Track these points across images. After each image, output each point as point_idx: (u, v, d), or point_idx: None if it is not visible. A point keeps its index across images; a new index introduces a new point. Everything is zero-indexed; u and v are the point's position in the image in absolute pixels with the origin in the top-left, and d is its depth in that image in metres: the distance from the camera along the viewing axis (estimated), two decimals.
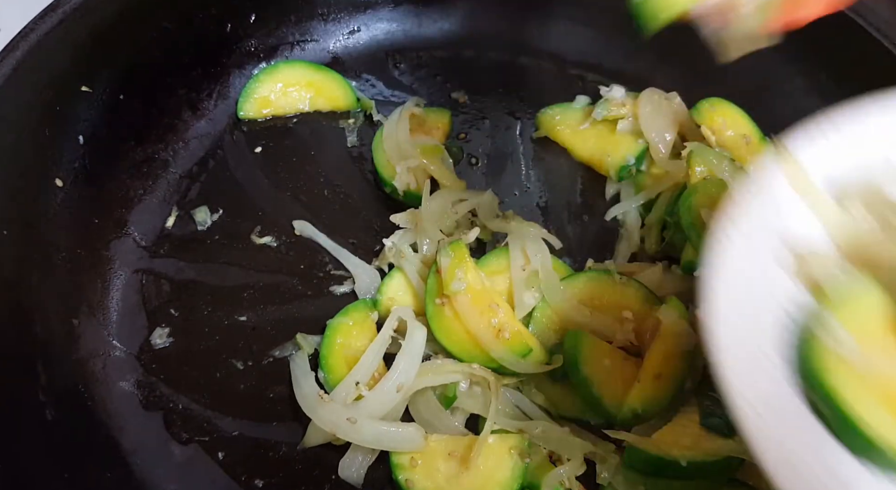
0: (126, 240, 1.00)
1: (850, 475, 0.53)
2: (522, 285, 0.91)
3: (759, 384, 0.54)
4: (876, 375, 0.55)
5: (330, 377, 0.88)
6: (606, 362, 0.85)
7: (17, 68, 0.85)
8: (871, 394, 0.54)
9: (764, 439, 0.52)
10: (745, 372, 0.54)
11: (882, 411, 0.53)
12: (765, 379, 0.55)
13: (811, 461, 0.52)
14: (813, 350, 0.56)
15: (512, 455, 0.82)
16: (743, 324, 0.56)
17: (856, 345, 0.55)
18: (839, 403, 0.53)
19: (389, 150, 1.06)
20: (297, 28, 1.17)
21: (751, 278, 0.58)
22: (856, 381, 0.54)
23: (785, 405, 0.55)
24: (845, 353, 0.55)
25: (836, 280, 0.59)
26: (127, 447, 0.86)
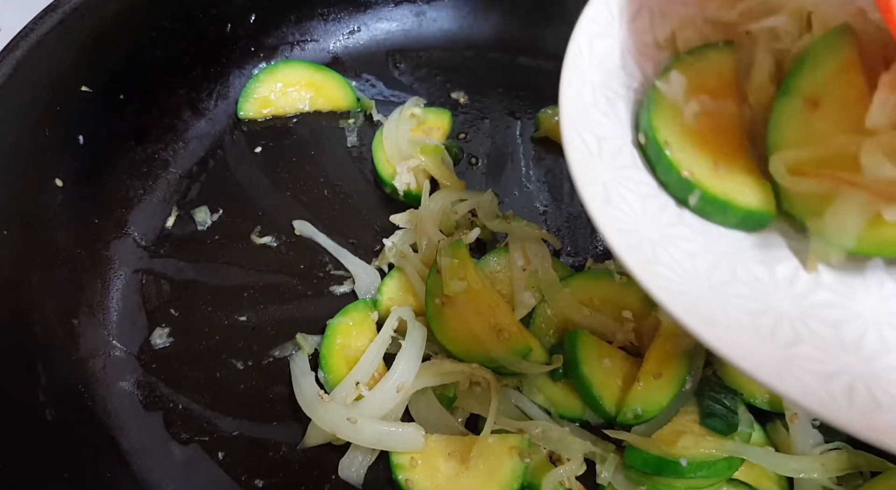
0: (126, 240, 1.00)
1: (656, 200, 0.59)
2: (522, 285, 0.91)
3: (595, 125, 0.60)
4: (699, 120, 0.60)
5: (330, 377, 0.88)
6: (606, 362, 0.85)
7: (17, 68, 0.85)
8: (687, 134, 0.59)
9: (585, 169, 0.56)
10: (586, 112, 0.60)
11: (690, 144, 0.59)
12: (603, 122, 0.61)
13: (624, 190, 0.58)
14: (651, 95, 0.61)
15: (512, 455, 0.82)
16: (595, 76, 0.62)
17: (682, 86, 0.60)
18: (655, 134, 0.58)
19: (389, 150, 1.06)
20: (297, 28, 1.18)
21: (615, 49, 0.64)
22: (676, 117, 0.59)
23: (616, 145, 0.61)
24: (670, 92, 0.60)
25: (690, 37, 0.64)
26: (127, 447, 0.86)
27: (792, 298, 0.55)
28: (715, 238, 0.59)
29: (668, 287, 0.51)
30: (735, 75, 0.63)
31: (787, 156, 0.56)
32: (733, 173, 0.59)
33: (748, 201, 0.58)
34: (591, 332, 0.88)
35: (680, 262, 0.55)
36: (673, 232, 0.57)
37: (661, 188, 0.60)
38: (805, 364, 0.49)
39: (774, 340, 0.51)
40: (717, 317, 0.51)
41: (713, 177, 0.58)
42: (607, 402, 0.83)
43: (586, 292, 0.91)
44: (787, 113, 0.58)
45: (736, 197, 0.58)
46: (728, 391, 0.84)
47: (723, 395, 0.83)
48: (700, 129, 0.60)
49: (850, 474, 0.81)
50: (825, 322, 0.54)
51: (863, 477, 0.82)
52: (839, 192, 0.53)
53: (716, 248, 0.57)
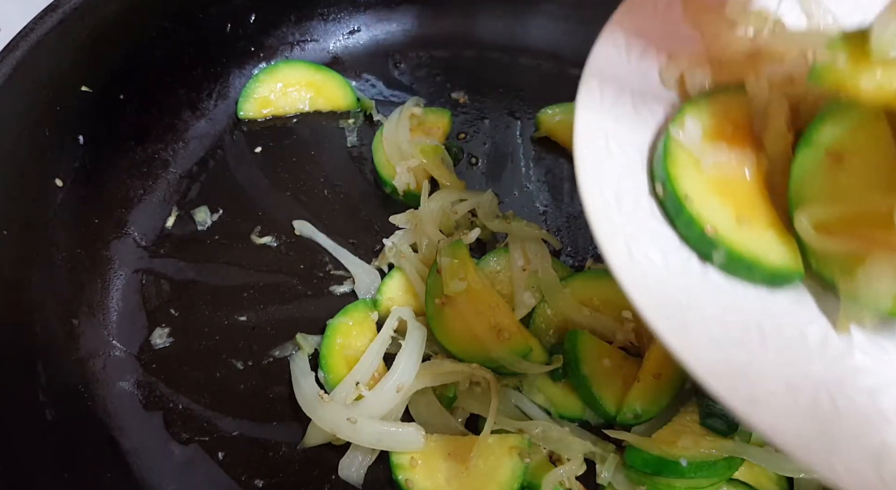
0: (126, 240, 1.00)
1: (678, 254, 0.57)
2: (522, 285, 0.91)
3: (613, 177, 0.58)
4: (717, 170, 0.58)
5: (330, 377, 0.88)
6: (606, 362, 0.85)
7: (18, 68, 0.85)
8: (707, 184, 0.57)
9: (605, 224, 0.55)
10: (602, 163, 0.58)
11: (714, 200, 0.56)
12: (621, 172, 0.59)
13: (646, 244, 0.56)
14: (667, 147, 0.58)
15: (512, 455, 0.82)
16: (608, 122, 0.60)
17: (698, 134, 0.58)
18: (674, 186, 0.56)
19: (389, 150, 1.06)
20: (297, 28, 1.18)
21: (626, 79, 0.62)
22: (694, 168, 0.57)
23: (634, 196, 0.58)
24: (689, 143, 0.58)
25: (700, 80, 0.62)
26: (127, 447, 0.86)
27: (826, 364, 0.53)
28: (741, 297, 0.56)
29: (699, 354, 0.49)
30: (749, 120, 0.60)
31: (813, 213, 0.54)
32: (757, 228, 0.56)
33: (775, 259, 0.56)
34: (591, 332, 0.88)
35: (709, 327, 0.52)
36: (698, 291, 0.55)
37: (683, 243, 0.58)
38: (850, 440, 0.47)
39: (815, 414, 0.49)
40: (756, 394, 0.48)
41: (737, 232, 0.55)
42: (607, 402, 0.84)
43: (586, 292, 0.91)
44: (809, 166, 0.55)
45: (762, 255, 0.55)
46: None
47: None
48: (719, 180, 0.58)
49: None
50: (862, 390, 0.51)
51: None
52: (871, 252, 0.51)
53: (743, 309, 0.55)
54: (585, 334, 0.86)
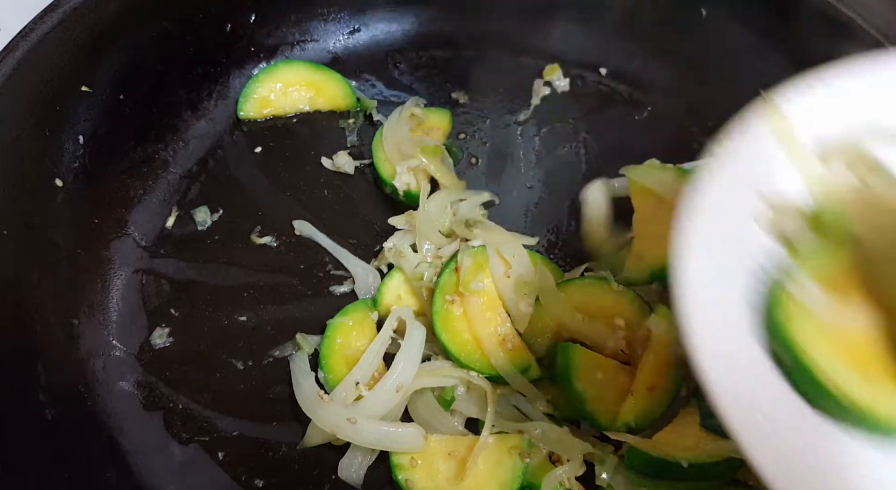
0: (126, 240, 1.00)
1: (808, 426, 0.53)
2: (514, 295, 0.90)
3: (723, 337, 0.55)
4: (836, 328, 0.55)
5: (330, 377, 0.88)
6: (599, 375, 0.84)
7: (17, 68, 0.85)
8: (831, 345, 0.54)
9: (726, 392, 0.52)
10: (710, 323, 0.55)
11: (840, 362, 0.54)
12: (730, 331, 0.56)
13: (772, 412, 0.53)
14: (779, 302, 0.56)
15: (512, 455, 0.82)
16: (711, 274, 0.56)
17: (821, 296, 0.56)
18: (799, 353, 0.53)
19: (389, 150, 1.06)
20: (297, 28, 1.17)
21: (725, 229, 0.58)
22: (817, 332, 0.55)
23: (748, 357, 0.55)
24: (810, 303, 0.55)
25: (807, 235, 0.59)
26: (127, 447, 0.86)
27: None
28: (857, 448, 0.54)
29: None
30: (860, 275, 0.57)
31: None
32: (885, 386, 0.54)
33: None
34: (584, 338, 0.88)
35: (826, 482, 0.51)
36: (818, 452, 0.53)
37: (813, 411, 0.55)
38: None
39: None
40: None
41: (867, 395, 0.53)
42: (601, 417, 0.83)
43: (581, 298, 0.90)
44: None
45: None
46: None
47: None
48: (839, 337, 0.55)
49: None
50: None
51: None
52: None
53: (862, 461, 0.53)
54: (578, 348, 0.85)
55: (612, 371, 0.86)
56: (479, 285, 0.87)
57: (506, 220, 1.03)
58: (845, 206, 0.59)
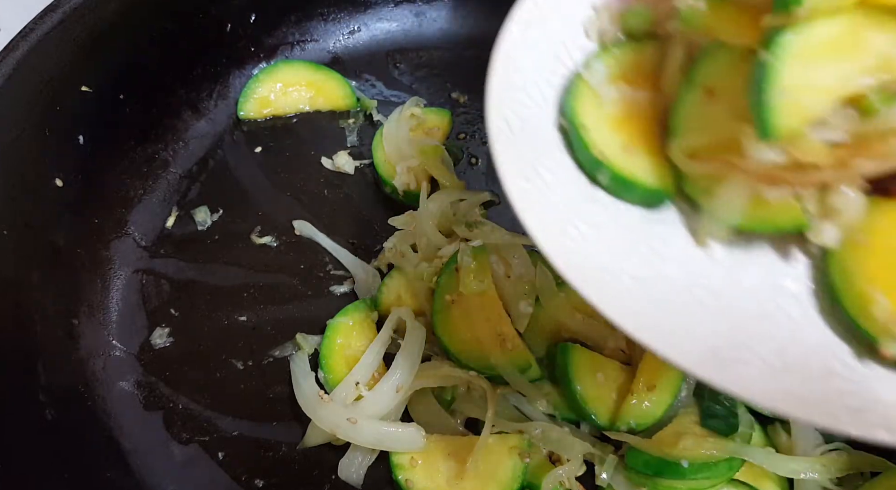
0: (126, 240, 1.00)
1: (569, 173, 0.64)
2: (515, 295, 0.90)
3: (520, 107, 0.64)
4: (616, 106, 0.65)
5: (330, 377, 0.88)
6: (599, 377, 0.84)
7: (18, 68, 0.85)
8: (605, 118, 0.64)
9: (504, 145, 0.60)
10: (512, 94, 0.64)
11: (608, 130, 0.64)
12: (528, 104, 0.65)
13: (553, 182, 0.62)
14: (573, 83, 0.65)
15: (512, 455, 0.82)
16: (526, 61, 0.66)
17: (603, 74, 0.65)
18: (574, 119, 0.63)
19: (389, 150, 1.06)
20: (297, 28, 1.17)
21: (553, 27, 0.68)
22: (595, 106, 0.64)
23: (539, 126, 0.64)
24: (591, 79, 0.65)
25: (617, 33, 0.68)
26: (127, 447, 0.86)
27: (682, 268, 0.60)
28: (621, 213, 0.63)
29: (568, 256, 0.56)
30: (655, 67, 0.66)
31: (685, 141, 0.61)
32: (640, 155, 0.64)
33: (650, 180, 0.63)
34: (583, 337, 0.88)
35: (584, 234, 0.59)
36: (584, 208, 0.62)
37: (579, 169, 0.64)
38: (682, 326, 0.54)
39: (659, 306, 0.56)
40: (610, 286, 0.56)
41: (622, 158, 0.63)
42: (601, 418, 0.83)
43: (581, 298, 0.90)
44: (687, 101, 0.62)
45: (640, 176, 0.63)
46: None
47: (722, 396, 0.83)
48: (615, 115, 0.65)
49: (850, 475, 0.81)
50: (709, 290, 0.58)
51: (863, 478, 0.82)
52: (728, 174, 0.58)
53: (620, 223, 0.62)
54: (577, 348, 0.85)
55: (611, 371, 0.86)
56: (479, 285, 0.87)
57: (506, 220, 1.03)
58: (647, 4, 0.67)
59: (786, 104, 0.53)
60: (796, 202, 0.57)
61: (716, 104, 0.60)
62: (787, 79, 0.53)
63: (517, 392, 0.86)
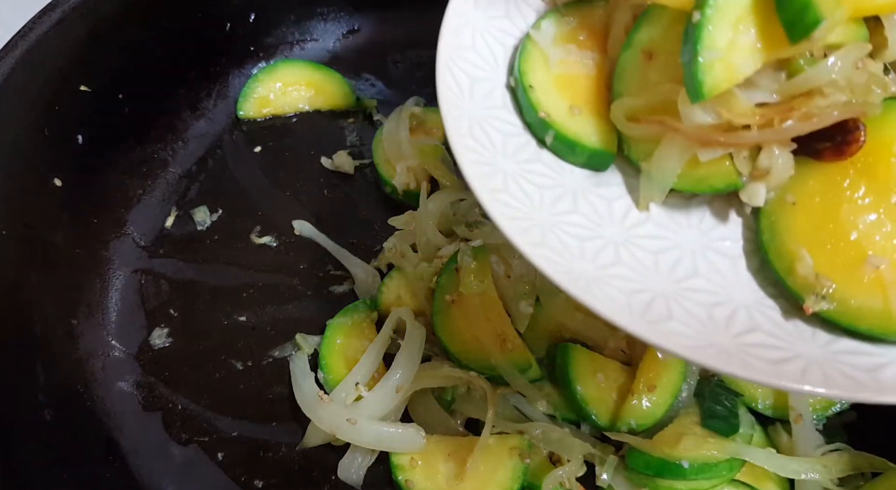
0: (125, 240, 1.00)
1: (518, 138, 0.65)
2: (514, 295, 0.90)
3: (470, 66, 0.65)
4: (563, 67, 0.66)
5: (330, 377, 0.88)
6: (600, 377, 0.84)
7: (17, 67, 0.85)
8: (550, 75, 0.65)
9: (452, 105, 0.61)
10: (462, 53, 0.65)
11: (552, 88, 0.65)
12: (479, 65, 0.66)
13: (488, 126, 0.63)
14: (523, 45, 0.67)
15: (512, 455, 0.81)
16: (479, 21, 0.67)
17: (551, 35, 0.66)
18: (522, 78, 0.64)
19: (389, 150, 1.06)
20: (296, 27, 1.17)
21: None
22: (543, 64, 0.66)
23: (489, 87, 0.66)
24: (540, 40, 0.66)
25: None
26: (126, 447, 0.86)
27: (622, 229, 0.61)
28: (566, 175, 0.65)
29: (509, 213, 0.57)
30: (603, 29, 0.68)
31: (624, 103, 0.62)
32: (585, 117, 0.65)
33: (593, 142, 0.64)
34: (584, 338, 0.88)
35: (528, 193, 0.60)
36: (528, 167, 0.63)
37: (526, 129, 0.65)
38: (615, 282, 0.56)
39: (595, 261, 0.57)
40: (547, 240, 0.57)
41: (567, 119, 0.64)
42: (602, 418, 0.83)
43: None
44: (628, 64, 0.63)
45: (583, 138, 0.64)
46: (729, 392, 0.84)
47: (723, 396, 0.83)
48: (563, 76, 0.66)
49: (850, 475, 0.80)
50: (646, 249, 0.60)
51: (863, 478, 0.82)
52: (663, 136, 0.60)
53: (564, 184, 0.64)
54: (578, 349, 0.85)
55: (612, 371, 0.86)
56: (480, 285, 0.87)
57: None
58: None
59: (716, 64, 0.54)
60: (729, 163, 0.59)
61: (654, 67, 0.62)
62: (717, 39, 0.54)
63: (517, 392, 0.86)
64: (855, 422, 0.87)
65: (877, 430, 0.85)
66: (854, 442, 0.84)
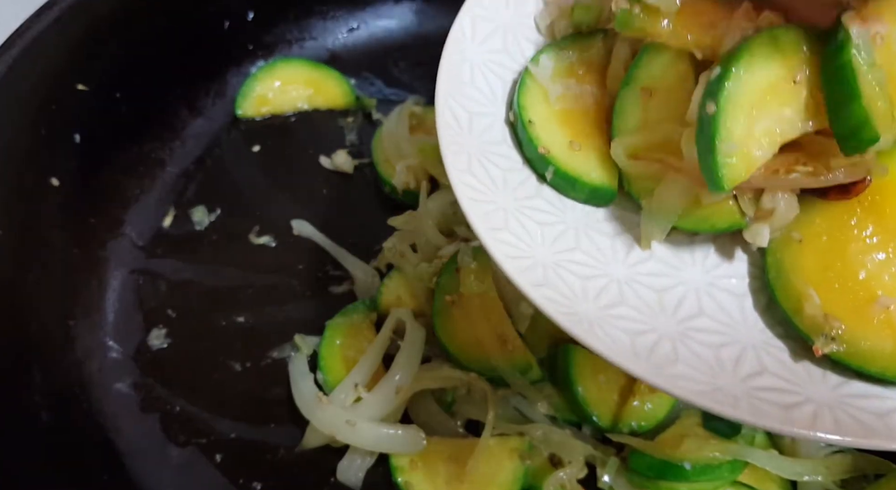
0: (122, 240, 0.99)
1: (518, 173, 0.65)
2: (514, 294, 0.89)
3: (470, 102, 0.66)
4: (562, 101, 0.67)
5: (329, 379, 0.87)
6: (601, 378, 0.84)
7: (13, 66, 0.85)
8: (550, 110, 0.66)
9: (451, 140, 0.62)
10: (461, 89, 0.66)
11: (552, 123, 0.65)
12: (479, 100, 0.67)
13: (488, 162, 0.64)
14: (523, 80, 0.67)
15: (512, 457, 0.81)
16: (476, 56, 0.68)
17: (550, 70, 0.66)
18: (522, 113, 0.65)
19: (389, 149, 1.06)
20: (295, 26, 1.17)
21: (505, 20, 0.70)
22: (542, 98, 0.66)
23: (488, 122, 0.66)
24: (539, 74, 0.66)
25: (564, 26, 0.70)
26: (123, 449, 0.85)
27: (625, 266, 0.61)
28: (567, 211, 0.64)
29: (510, 252, 0.57)
30: (603, 63, 0.68)
31: (624, 141, 0.62)
32: (586, 152, 0.65)
33: (594, 178, 0.64)
34: None
35: (529, 230, 0.60)
36: (529, 203, 0.63)
37: (526, 165, 0.66)
38: (619, 322, 0.55)
39: (597, 301, 0.57)
40: (549, 279, 0.56)
41: (567, 155, 0.64)
42: (603, 419, 0.83)
43: None
44: (628, 101, 0.63)
45: (584, 174, 0.64)
46: None
47: None
48: (563, 111, 0.66)
49: (853, 477, 0.80)
50: (650, 287, 0.60)
51: (867, 480, 0.81)
52: (666, 174, 0.60)
53: (565, 220, 0.63)
54: (578, 350, 0.85)
55: (613, 373, 0.85)
56: (480, 286, 0.86)
57: None
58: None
59: (734, 156, 0.53)
60: (732, 203, 0.59)
61: (653, 104, 0.62)
62: (734, 130, 0.53)
63: (518, 394, 0.86)
64: None
65: None
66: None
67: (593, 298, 0.57)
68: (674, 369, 0.52)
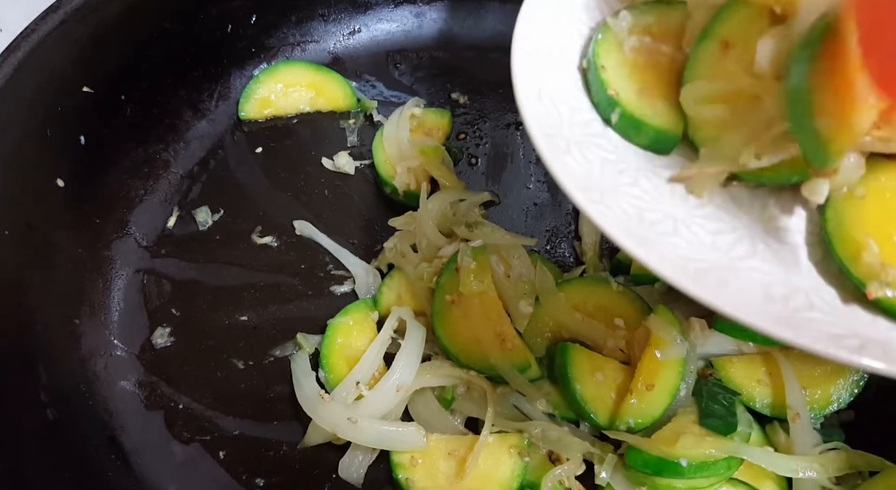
0: (127, 240, 1.00)
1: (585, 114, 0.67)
2: (514, 294, 0.90)
3: (549, 41, 0.68)
4: (636, 54, 0.68)
5: (330, 377, 0.88)
6: (599, 376, 0.84)
7: (19, 69, 0.85)
8: (625, 63, 0.68)
9: (526, 69, 0.64)
10: (543, 28, 0.67)
11: (623, 70, 0.67)
12: (558, 43, 0.68)
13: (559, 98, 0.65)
14: (600, 32, 0.68)
15: (511, 454, 0.82)
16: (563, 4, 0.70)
17: (628, 24, 0.68)
18: (596, 58, 0.66)
19: (389, 151, 1.06)
20: (297, 29, 1.18)
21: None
22: (617, 52, 0.68)
23: (563, 63, 0.68)
24: (616, 27, 0.68)
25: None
26: (128, 447, 0.86)
27: (683, 207, 0.62)
28: (629, 154, 0.66)
29: (574, 176, 0.58)
30: (679, 27, 0.69)
31: (697, 86, 0.64)
32: (653, 100, 0.66)
33: (659, 122, 0.65)
34: (583, 337, 0.88)
35: (591, 162, 0.62)
36: (593, 140, 0.64)
37: (593, 108, 0.67)
38: (673, 249, 0.56)
39: (653, 228, 0.58)
40: (609, 203, 0.58)
41: (635, 99, 0.66)
42: (601, 417, 0.83)
43: (580, 298, 0.90)
44: (704, 54, 0.64)
45: (650, 118, 0.65)
46: (727, 391, 0.84)
47: (721, 395, 0.83)
48: (635, 62, 0.68)
49: (848, 474, 0.81)
50: (705, 229, 0.61)
51: (861, 477, 0.82)
52: (732, 121, 0.61)
53: (626, 160, 0.65)
54: (577, 348, 0.86)
55: (611, 370, 0.86)
56: (479, 285, 0.87)
57: (506, 220, 1.03)
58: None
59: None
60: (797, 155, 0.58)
61: (730, 56, 0.63)
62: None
63: (517, 391, 0.86)
64: (852, 421, 0.88)
65: (874, 428, 0.86)
66: (851, 441, 0.84)
67: (648, 225, 0.58)
68: (730, 294, 0.53)
